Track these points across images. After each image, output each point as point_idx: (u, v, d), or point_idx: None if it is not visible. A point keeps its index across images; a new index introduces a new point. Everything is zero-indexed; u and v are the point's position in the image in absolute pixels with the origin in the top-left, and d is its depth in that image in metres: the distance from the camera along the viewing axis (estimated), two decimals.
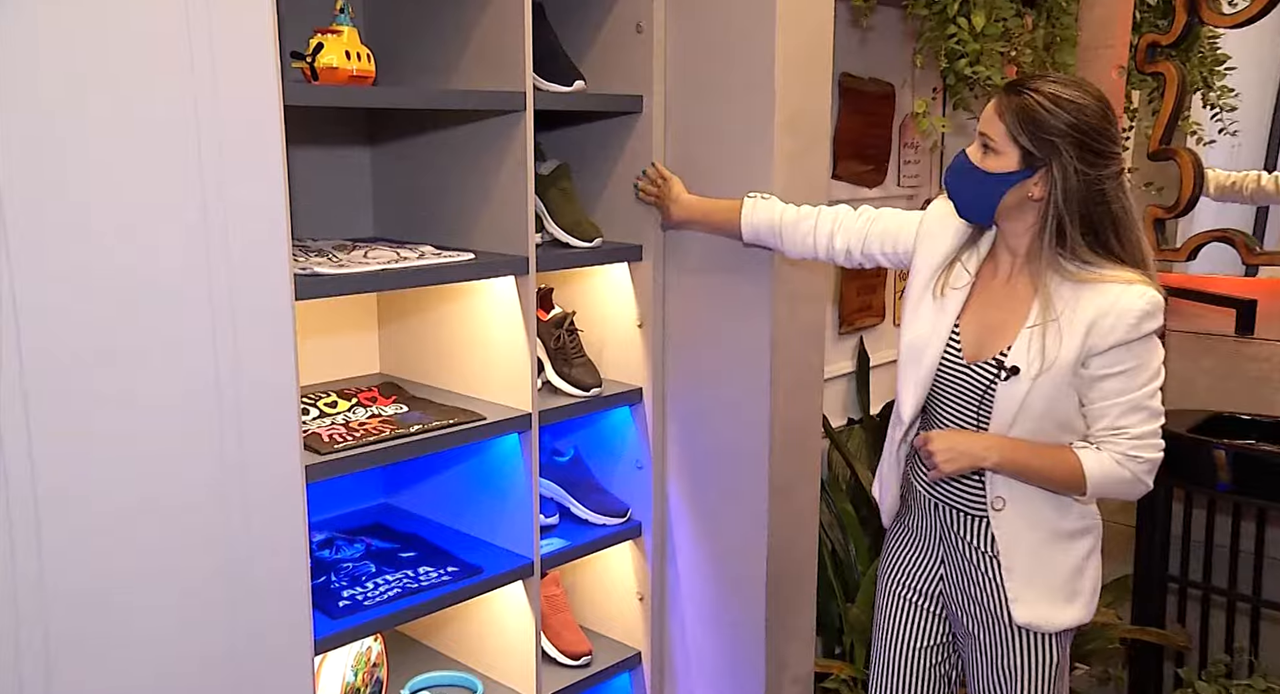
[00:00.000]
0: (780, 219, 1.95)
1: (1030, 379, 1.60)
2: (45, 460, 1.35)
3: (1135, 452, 1.60)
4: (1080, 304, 1.56)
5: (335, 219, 2.20)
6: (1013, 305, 1.66)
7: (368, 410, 1.98)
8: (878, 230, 1.87)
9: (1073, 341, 1.57)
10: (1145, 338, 1.56)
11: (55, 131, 1.31)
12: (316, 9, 1.98)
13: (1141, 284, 1.55)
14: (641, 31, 2.15)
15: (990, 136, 1.59)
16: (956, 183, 1.67)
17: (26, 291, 1.31)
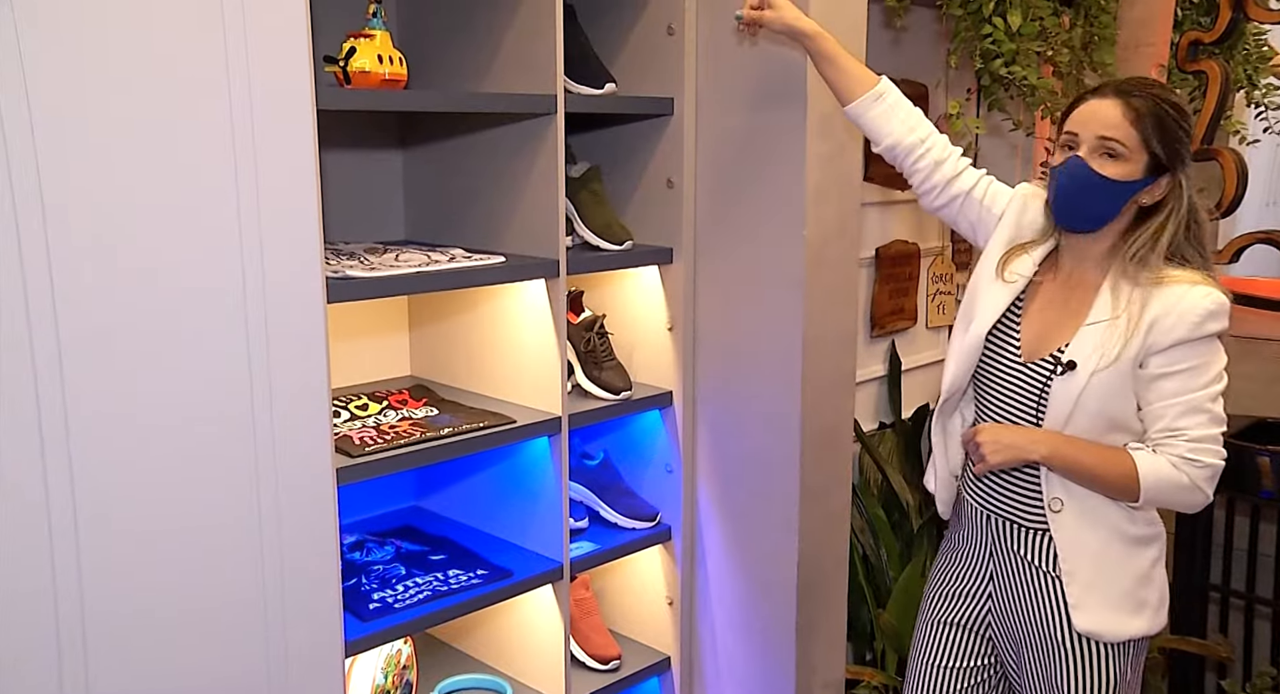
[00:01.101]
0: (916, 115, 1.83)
1: (1087, 374, 1.57)
2: (83, 467, 1.36)
3: (1194, 454, 1.55)
4: (1144, 302, 1.55)
5: (367, 221, 2.21)
6: (1073, 305, 1.65)
7: (398, 413, 1.98)
8: (986, 180, 1.80)
9: (1134, 339, 1.55)
10: (1208, 338, 1.54)
11: (92, 137, 1.33)
12: (349, 13, 1.98)
13: (1207, 285, 1.55)
14: (673, 34, 2.15)
15: (1121, 142, 1.54)
16: (1078, 192, 1.58)
17: (66, 299, 1.32)
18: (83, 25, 1.30)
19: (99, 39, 1.32)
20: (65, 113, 1.30)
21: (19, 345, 1.29)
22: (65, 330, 1.33)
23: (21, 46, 1.25)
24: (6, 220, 1.27)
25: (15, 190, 1.27)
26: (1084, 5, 2.50)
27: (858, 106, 1.81)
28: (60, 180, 1.30)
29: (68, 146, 1.31)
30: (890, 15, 2.31)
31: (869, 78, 1.81)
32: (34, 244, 1.29)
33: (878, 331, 3.03)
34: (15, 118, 1.26)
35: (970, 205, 1.79)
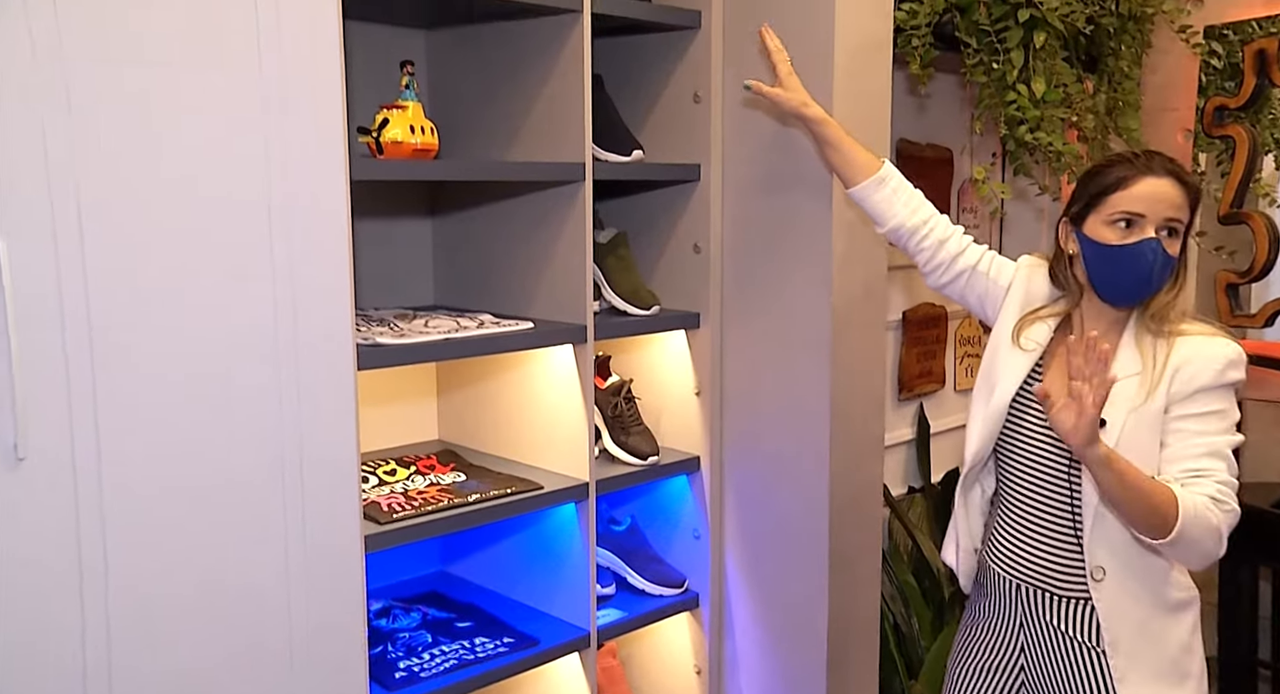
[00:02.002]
0: (916, 197, 1.88)
1: (1118, 428, 1.57)
2: (113, 529, 1.36)
3: (1222, 496, 1.52)
4: (1165, 354, 1.59)
5: (396, 287, 2.24)
6: None
7: (426, 478, 1.98)
8: (989, 254, 1.84)
9: (1157, 390, 1.57)
10: (1228, 387, 1.57)
11: (129, 223, 1.35)
12: (383, 83, 2.02)
13: (1223, 337, 1.59)
14: (699, 101, 2.18)
15: (1182, 222, 1.59)
16: (1159, 273, 1.58)
17: (104, 364, 1.34)
18: (129, 118, 1.34)
19: (139, 120, 1.35)
20: (96, 196, 1.33)
21: (58, 417, 1.30)
22: (102, 391, 1.34)
23: (74, 152, 1.29)
24: (52, 305, 1.29)
25: (60, 269, 1.29)
26: (1107, 71, 2.52)
27: (861, 191, 1.86)
28: (99, 259, 1.33)
29: (106, 243, 1.33)
30: (914, 83, 2.33)
31: (872, 162, 1.86)
32: (76, 322, 1.31)
33: (905, 394, 3.02)
34: (66, 212, 1.29)
35: (976, 279, 1.82)
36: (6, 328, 1.24)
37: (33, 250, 1.27)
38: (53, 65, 1.27)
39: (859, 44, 2.03)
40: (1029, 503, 1.69)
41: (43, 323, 1.28)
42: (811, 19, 2.00)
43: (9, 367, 1.25)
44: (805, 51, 2.02)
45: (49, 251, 1.28)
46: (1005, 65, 2.19)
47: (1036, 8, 2.12)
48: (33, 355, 1.27)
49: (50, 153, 1.28)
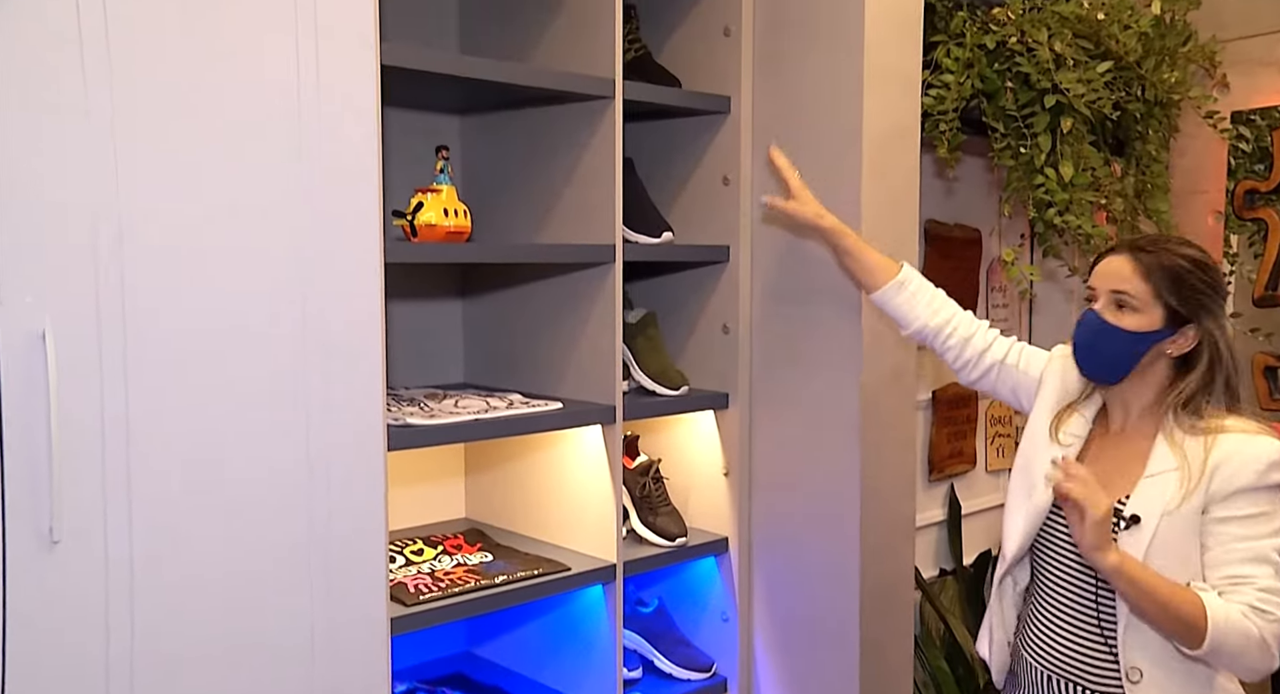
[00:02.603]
0: (938, 295, 1.90)
1: (1153, 526, 1.53)
2: (143, 615, 1.36)
3: (1265, 605, 1.47)
4: (1203, 453, 1.53)
5: (426, 365, 2.25)
6: (1129, 457, 1.62)
7: (453, 559, 1.97)
8: (1017, 346, 1.85)
9: (1195, 489, 1.52)
10: (1272, 489, 1.51)
11: (170, 306, 1.38)
12: (419, 168, 2.06)
13: (1265, 435, 1.53)
14: (728, 183, 2.20)
15: (1131, 295, 1.57)
16: (1092, 342, 1.62)
17: (139, 439, 1.35)
18: (174, 207, 1.37)
19: (190, 219, 1.39)
20: (154, 306, 1.36)
21: (93, 501, 1.32)
22: (136, 475, 1.35)
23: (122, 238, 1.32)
24: (93, 390, 1.31)
25: (103, 356, 1.32)
26: (1135, 154, 2.53)
27: (882, 295, 1.89)
28: (139, 346, 1.35)
29: (147, 330, 1.36)
30: (941, 166, 2.36)
31: (891, 266, 1.89)
32: (114, 406, 1.33)
33: (936, 475, 2.99)
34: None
35: (1006, 373, 1.83)
36: (48, 412, 1.25)
37: (76, 336, 1.29)
38: (106, 163, 1.31)
39: (886, 129, 2.06)
40: (1062, 598, 1.65)
41: (82, 408, 1.30)
42: (839, 104, 2.04)
43: (49, 451, 1.26)
44: (833, 136, 2.05)
45: (92, 338, 1.31)
46: (1033, 149, 2.21)
47: (1063, 94, 2.15)
48: (71, 440, 1.29)
49: (100, 243, 1.31)
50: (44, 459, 1.26)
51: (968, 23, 2.22)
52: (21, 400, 1.25)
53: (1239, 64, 2.76)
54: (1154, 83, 2.39)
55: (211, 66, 1.40)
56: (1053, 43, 2.15)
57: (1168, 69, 2.43)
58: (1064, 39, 2.17)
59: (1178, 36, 2.48)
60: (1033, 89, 2.19)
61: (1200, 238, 2.86)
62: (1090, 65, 2.20)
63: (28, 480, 1.26)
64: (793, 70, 2.11)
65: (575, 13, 1.98)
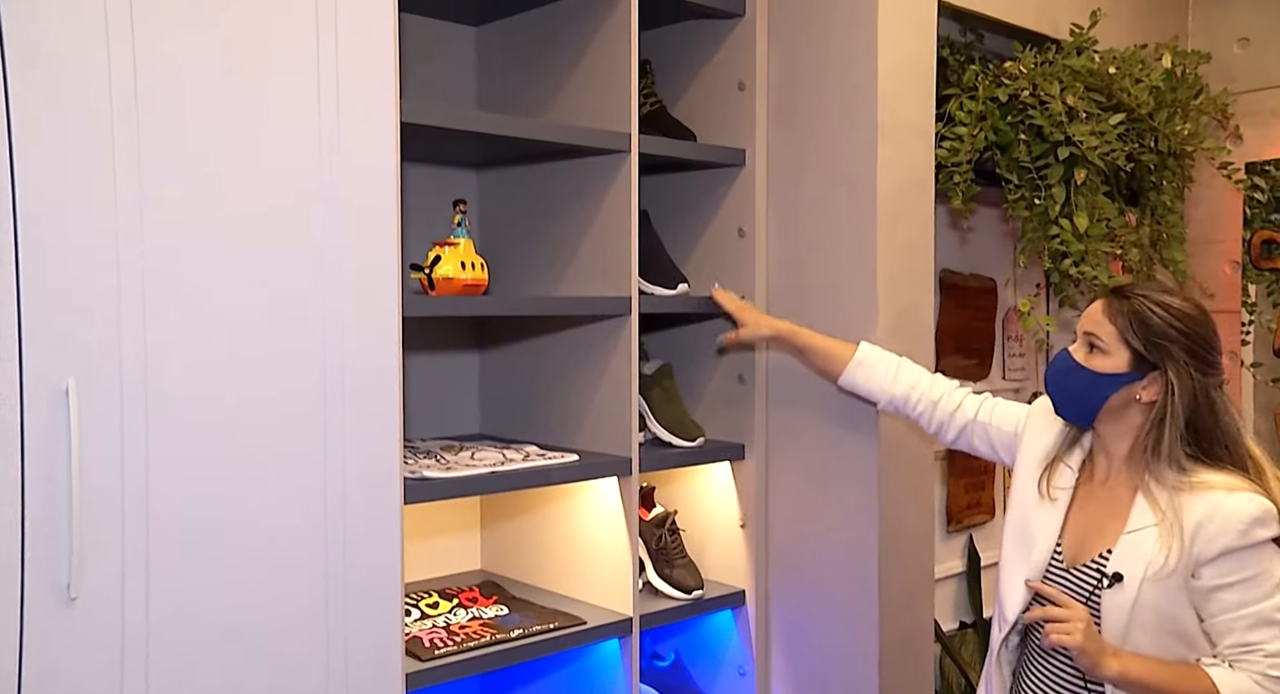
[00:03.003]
0: (899, 359, 1.95)
1: (1136, 587, 1.51)
2: (158, 672, 1.36)
3: (1275, 670, 1.46)
4: (1183, 509, 1.51)
5: (443, 416, 2.26)
6: (1112, 509, 1.60)
7: (468, 612, 1.96)
8: (989, 403, 1.87)
9: (1176, 548, 1.49)
10: (1259, 546, 1.48)
11: (191, 363, 1.39)
12: (436, 221, 2.08)
13: (1247, 490, 1.50)
14: (743, 235, 2.22)
15: (1099, 337, 1.58)
16: (1060, 381, 1.65)
17: (159, 514, 1.36)
18: (197, 263, 1.39)
19: (213, 268, 1.40)
20: (175, 360, 1.37)
21: (111, 558, 1.32)
22: (155, 533, 1.35)
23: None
24: (113, 446, 1.32)
25: (124, 412, 1.33)
26: (1150, 205, 2.53)
27: (846, 378, 1.95)
28: (160, 401, 1.36)
29: (168, 385, 1.37)
30: (956, 217, 2.37)
31: (847, 349, 1.96)
32: (134, 463, 1.34)
33: (954, 526, 2.96)
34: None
35: (979, 430, 1.85)
36: (70, 468, 1.26)
37: (99, 392, 1.31)
38: (133, 227, 1.33)
39: (901, 181, 2.07)
40: (1053, 670, 1.63)
41: (103, 463, 1.31)
42: (854, 157, 2.05)
43: (69, 506, 1.27)
44: (848, 188, 2.07)
45: (114, 393, 1.32)
46: (1047, 201, 2.22)
47: (1076, 146, 2.16)
48: (92, 496, 1.30)
49: (123, 300, 1.32)
50: (64, 514, 1.27)
51: (980, 76, 2.24)
52: (43, 455, 1.26)
53: (1251, 116, 2.77)
54: (1167, 135, 2.40)
55: (234, 121, 1.42)
56: (1065, 96, 2.17)
57: (1180, 121, 2.44)
58: (1076, 92, 2.18)
59: (1189, 89, 2.49)
60: (1046, 141, 2.20)
61: (1218, 287, 2.85)
62: (1103, 118, 2.21)
63: (47, 536, 1.27)
64: (807, 123, 2.13)
65: (591, 68, 2.01)
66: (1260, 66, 2.79)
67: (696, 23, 2.25)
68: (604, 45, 1.99)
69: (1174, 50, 2.48)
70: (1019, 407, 1.83)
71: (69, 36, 1.27)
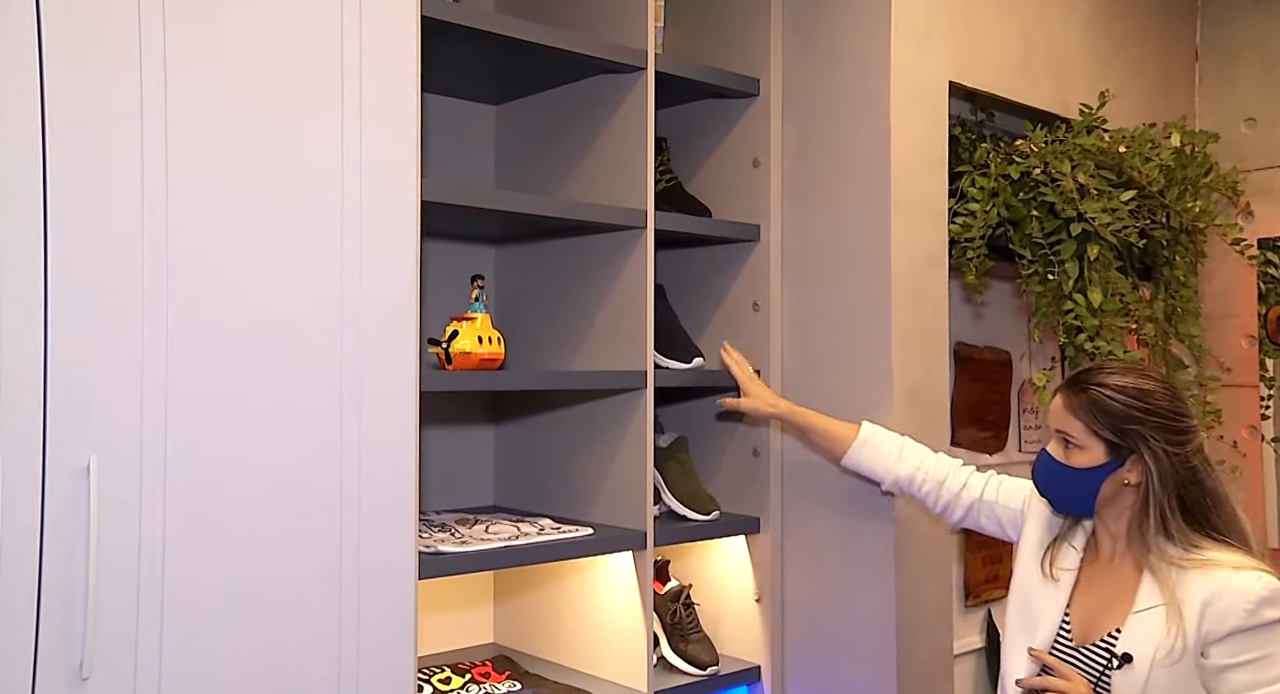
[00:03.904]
0: (902, 438, 1.95)
1: (1146, 668, 1.50)
2: None
3: None
4: (1189, 588, 1.50)
5: (458, 489, 2.26)
6: (1118, 588, 1.60)
7: (481, 688, 1.95)
8: (994, 481, 1.88)
9: (1186, 627, 1.48)
10: (1268, 627, 1.47)
11: (210, 436, 1.41)
12: (454, 297, 2.11)
13: (1254, 569, 1.49)
14: (758, 309, 2.23)
15: (1069, 433, 1.59)
16: (1048, 482, 1.65)
17: (174, 593, 1.36)
18: (216, 339, 1.42)
19: (232, 350, 1.43)
20: (194, 435, 1.39)
21: (125, 639, 1.32)
22: (169, 612, 1.36)
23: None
24: (131, 526, 1.33)
25: (143, 491, 1.34)
26: (1163, 279, 2.54)
27: (849, 459, 1.96)
28: (178, 480, 1.37)
29: (186, 465, 1.39)
30: (969, 292, 2.38)
31: (850, 429, 1.97)
32: (152, 543, 1.34)
33: (972, 601, 2.92)
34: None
35: (986, 508, 1.86)
36: (88, 546, 1.27)
37: (118, 468, 1.32)
38: (158, 316, 1.36)
39: (915, 257, 2.09)
40: None
41: (120, 542, 1.32)
42: (868, 233, 2.08)
43: (85, 586, 1.28)
44: (863, 263, 2.09)
45: (134, 471, 1.33)
46: (1060, 276, 2.23)
47: (1088, 222, 2.18)
48: (108, 575, 1.30)
49: (145, 379, 1.34)
50: (80, 593, 1.27)
51: (991, 153, 2.28)
52: (62, 532, 1.27)
53: (1261, 193, 2.79)
54: (1178, 211, 2.42)
55: (257, 203, 1.45)
56: (1076, 173, 2.19)
57: (1191, 198, 2.46)
58: (1087, 170, 2.21)
59: (1199, 167, 2.52)
60: (1058, 217, 2.22)
61: (1234, 361, 2.85)
62: (1114, 194, 2.24)
63: (62, 615, 1.27)
64: (821, 200, 2.16)
65: (608, 145, 2.05)
66: (1268, 146, 2.83)
67: (712, 101, 2.30)
68: (621, 124, 2.03)
69: (1182, 130, 2.51)
70: (1024, 483, 1.83)
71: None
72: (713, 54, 2.30)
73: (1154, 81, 2.81)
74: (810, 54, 2.19)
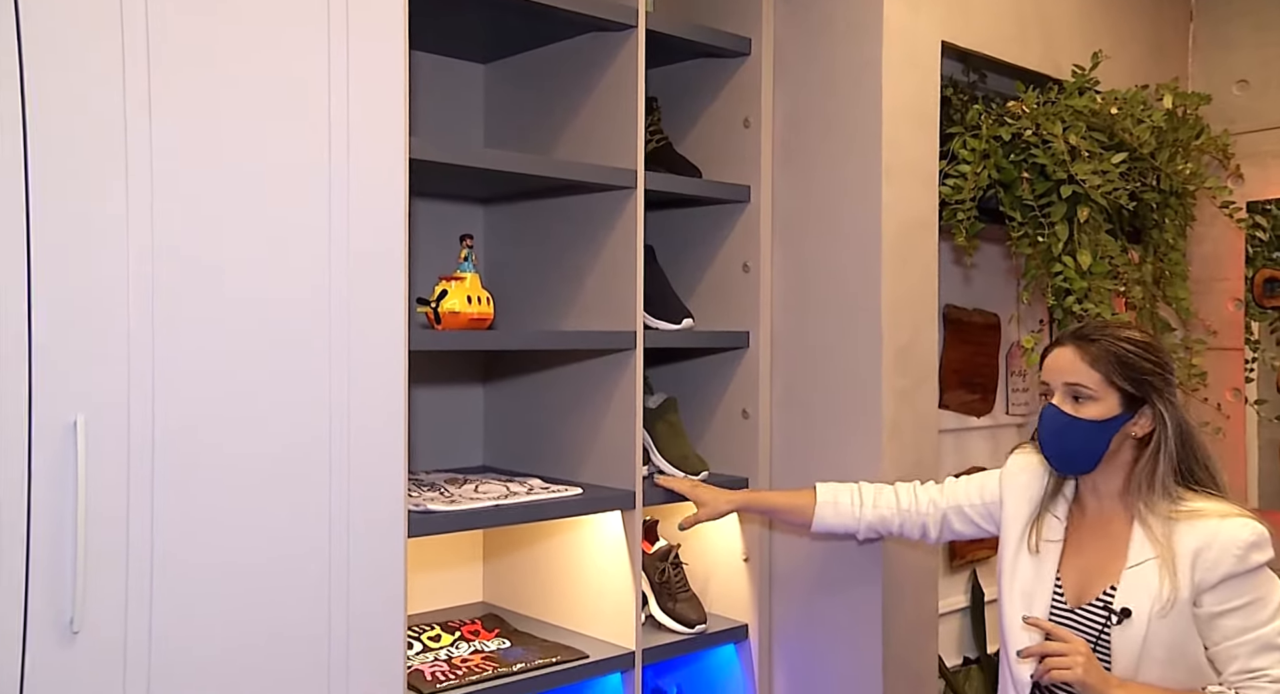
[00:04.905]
0: (858, 487, 1.95)
1: (1145, 621, 1.53)
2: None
3: None
4: (1179, 538, 1.54)
5: (447, 449, 2.27)
6: (1109, 545, 1.62)
7: (470, 645, 1.96)
8: (960, 484, 1.89)
9: (1179, 578, 1.52)
10: (1256, 571, 1.51)
11: (196, 396, 1.41)
12: (443, 256, 2.10)
13: (1239, 515, 1.53)
14: (748, 271, 2.23)
15: (1085, 386, 1.60)
16: (1057, 437, 1.64)
17: (164, 548, 1.36)
18: (202, 288, 1.41)
19: (218, 298, 1.42)
20: (182, 394, 1.39)
21: (115, 593, 1.32)
22: (159, 566, 1.36)
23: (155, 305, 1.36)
24: (120, 482, 1.33)
25: (130, 449, 1.34)
26: (1153, 242, 2.55)
27: (818, 524, 1.94)
28: (166, 438, 1.37)
29: (174, 422, 1.38)
30: (960, 254, 2.38)
31: (808, 497, 1.95)
32: (140, 500, 1.35)
33: (958, 561, 2.95)
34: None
35: (959, 516, 1.87)
36: (76, 503, 1.27)
37: (105, 426, 1.32)
38: (145, 262, 1.35)
39: (905, 219, 2.09)
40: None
41: (109, 500, 1.32)
42: (859, 195, 2.07)
43: (74, 542, 1.28)
44: (853, 225, 2.09)
45: (121, 427, 1.33)
46: (1050, 238, 2.23)
47: (1079, 184, 2.17)
48: (97, 530, 1.30)
49: (132, 335, 1.34)
50: (69, 549, 1.28)
51: (983, 115, 2.26)
52: (50, 490, 1.27)
53: (1251, 156, 2.79)
54: (1169, 174, 2.42)
55: (244, 163, 1.44)
56: (1067, 135, 2.19)
57: (1182, 161, 2.46)
58: (1078, 132, 2.20)
59: (1190, 130, 2.51)
60: (1049, 179, 2.22)
61: (1220, 325, 2.86)
62: (1105, 157, 2.23)
63: (51, 570, 1.28)
64: (812, 161, 2.15)
65: (598, 105, 2.04)
66: (1259, 108, 2.82)
67: (703, 61, 2.28)
68: (611, 83, 2.01)
69: (1175, 91, 2.50)
70: (986, 476, 1.85)
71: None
72: (704, 13, 2.28)
73: (1147, 43, 2.79)
74: (802, 13, 2.17)
